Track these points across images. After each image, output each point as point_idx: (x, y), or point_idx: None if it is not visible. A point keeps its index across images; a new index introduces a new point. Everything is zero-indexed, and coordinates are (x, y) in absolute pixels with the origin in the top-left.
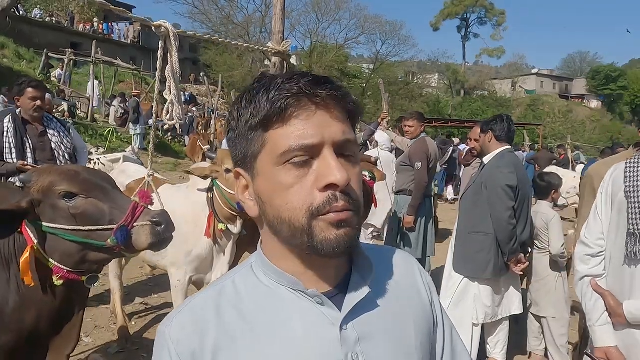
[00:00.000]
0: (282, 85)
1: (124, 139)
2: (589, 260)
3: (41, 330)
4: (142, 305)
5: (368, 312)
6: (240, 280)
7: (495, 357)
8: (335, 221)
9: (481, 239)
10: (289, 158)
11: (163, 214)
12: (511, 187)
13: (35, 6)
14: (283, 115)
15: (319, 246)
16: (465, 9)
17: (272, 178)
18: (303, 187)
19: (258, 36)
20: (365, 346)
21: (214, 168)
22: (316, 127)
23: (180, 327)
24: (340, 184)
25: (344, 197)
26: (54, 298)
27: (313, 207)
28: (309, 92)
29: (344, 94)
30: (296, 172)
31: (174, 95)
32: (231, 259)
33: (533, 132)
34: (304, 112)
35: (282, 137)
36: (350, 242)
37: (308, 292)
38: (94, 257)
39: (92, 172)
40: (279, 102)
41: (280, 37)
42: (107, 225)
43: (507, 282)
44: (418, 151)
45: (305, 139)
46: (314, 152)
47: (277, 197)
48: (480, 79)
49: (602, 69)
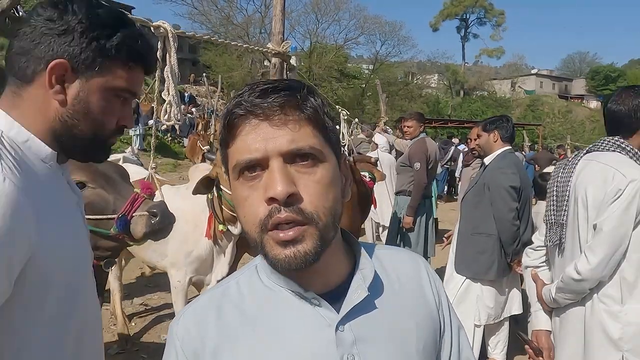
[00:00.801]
0: (236, 101)
1: (123, 140)
2: (531, 253)
3: None
4: (142, 306)
5: (367, 314)
6: (244, 281)
7: (496, 357)
8: (280, 240)
9: (484, 240)
10: (239, 172)
11: (160, 205)
12: (514, 188)
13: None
14: (232, 132)
15: (272, 263)
16: (465, 10)
17: (234, 191)
18: (254, 200)
19: (257, 37)
20: (362, 348)
21: (215, 169)
22: (260, 140)
23: (184, 326)
24: (278, 197)
25: (290, 209)
26: None
27: (261, 220)
28: (251, 108)
29: (293, 100)
30: (248, 184)
31: (172, 96)
32: (231, 259)
33: (533, 133)
34: (247, 126)
35: (233, 152)
36: (306, 259)
37: (305, 294)
38: (104, 244)
39: (105, 164)
40: (228, 119)
41: (280, 38)
42: (111, 214)
43: (508, 282)
44: (417, 151)
45: (250, 153)
46: (264, 164)
47: (238, 210)
48: (480, 80)
49: (601, 69)
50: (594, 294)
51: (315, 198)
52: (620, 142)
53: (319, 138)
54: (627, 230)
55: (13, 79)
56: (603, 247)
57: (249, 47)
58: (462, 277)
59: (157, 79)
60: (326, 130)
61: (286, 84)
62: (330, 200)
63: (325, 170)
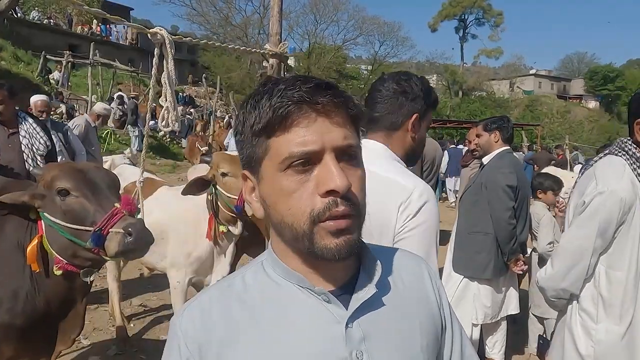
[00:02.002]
0: (284, 92)
1: (122, 141)
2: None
3: (52, 313)
4: (141, 307)
5: (374, 311)
6: (251, 277)
7: (494, 357)
8: (334, 229)
9: (481, 239)
10: (290, 164)
11: (136, 224)
12: (511, 188)
13: (33, 8)
14: (284, 122)
15: (319, 252)
16: (463, 10)
17: (275, 184)
18: (304, 192)
19: (256, 37)
20: (369, 345)
21: (212, 172)
22: (317, 133)
23: (190, 319)
24: (340, 190)
25: (344, 202)
26: (58, 284)
27: (314, 212)
28: (310, 99)
29: (345, 99)
30: (298, 178)
31: (170, 102)
32: (232, 260)
33: (531, 133)
34: (304, 119)
35: (284, 143)
36: (351, 248)
37: (315, 289)
38: (82, 254)
39: (95, 172)
40: (281, 109)
41: (277, 39)
42: (89, 226)
43: (505, 282)
44: None
45: (306, 146)
46: (315, 158)
47: (280, 202)
48: (479, 80)
49: (599, 69)
50: (575, 305)
51: (360, 193)
52: (627, 143)
53: (358, 139)
54: (586, 244)
55: (382, 128)
56: (559, 259)
57: (246, 49)
58: (459, 277)
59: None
60: (359, 133)
61: (329, 82)
62: (365, 197)
63: (363, 169)
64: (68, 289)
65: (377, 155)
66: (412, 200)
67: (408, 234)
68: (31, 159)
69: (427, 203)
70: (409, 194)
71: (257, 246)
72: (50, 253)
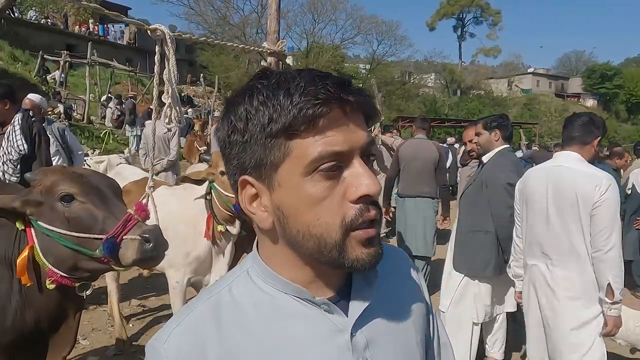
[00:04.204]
0: (306, 88)
1: (120, 141)
2: None
3: (42, 328)
4: (140, 307)
5: (373, 315)
6: (238, 289)
7: (494, 355)
8: (365, 239)
9: (481, 237)
10: (318, 166)
11: (154, 231)
12: (512, 186)
13: (30, 8)
14: (312, 122)
15: (349, 263)
16: (461, 9)
17: (300, 190)
18: (334, 199)
19: (254, 37)
20: (373, 351)
21: (210, 171)
22: (345, 133)
23: (178, 345)
24: (374, 194)
25: (374, 207)
26: (50, 299)
27: (346, 221)
28: (339, 98)
29: (368, 98)
30: (326, 183)
31: (172, 99)
32: (230, 260)
33: (529, 131)
34: (333, 118)
35: (311, 145)
36: (380, 257)
37: (315, 300)
38: (85, 265)
39: (98, 177)
40: (307, 109)
41: (275, 37)
42: (98, 234)
43: (504, 280)
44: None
45: (335, 146)
46: (344, 161)
47: (306, 212)
48: (477, 79)
49: (597, 68)
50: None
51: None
52: None
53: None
54: None
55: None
56: None
57: (245, 47)
58: (460, 275)
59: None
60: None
61: (349, 79)
62: None
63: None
64: (61, 303)
65: (575, 159)
66: (603, 184)
67: (602, 204)
68: (7, 158)
69: (611, 185)
70: (600, 179)
71: None
72: (43, 265)
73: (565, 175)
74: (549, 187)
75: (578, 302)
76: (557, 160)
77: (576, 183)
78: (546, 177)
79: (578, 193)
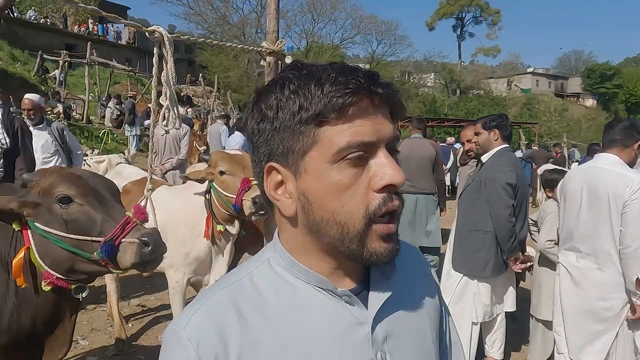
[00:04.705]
0: (337, 78)
1: (119, 141)
2: None
3: (38, 330)
4: (139, 307)
5: (391, 308)
6: (259, 278)
7: (493, 355)
8: (385, 234)
9: (480, 237)
10: (345, 155)
11: (153, 234)
12: (511, 185)
13: (29, 8)
14: (342, 110)
15: (366, 256)
16: (461, 9)
17: (326, 177)
18: (359, 188)
19: (254, 37)
20: (392, 344)
21: (209, 170)
22: (373, 124)
23: (200, 329)
24: (398, 183)
25: (398, 198)
26: (46, 301)
27: (369, 210)
28: (369, 89)
29: (396, 93)
30: (352, 172)
31: (170, 101)
32: (229, 259)
33: (529, 131)
34: (362, 109)
35: (339, 133)
36: (396, 254)
37: (337, 291)
38: (82, 267)
39: (96, 178)
40: (338, 98)
41: (274, 37)
42: (96, 236)
43: (503, 280)
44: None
45: (364, 136)
46: (370, 151)
47: (331, 199)
48: (476, 78)
49: (597, 68)
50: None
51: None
52: None
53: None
54: None
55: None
56: None
57: (244, 47)
58: (459, 275)
59: (155, 78)
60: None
61: (376, 73)
62: None
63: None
64: (57, 305)
65: (614, 161)
66: (634, 184)
67: (632, 203)
68: None
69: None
70: (632, 180)
71: (258, 246)
72: (39, 267)
73: (600, 175)
74: (584, 186)
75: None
76: (596, 162)
77: (608, 183)
78: (583, 176)
79: (610, 192)
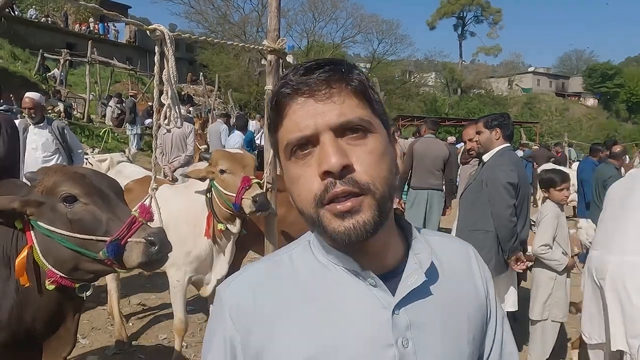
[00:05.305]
0: (281, 83)
1: (120, 140)
2: None
3: (37, 331)
4: (140, 306)
5: (421, 299)
6: (298, 256)
7: None
8: (338, 212)
9: (481, 237)
10: (292, 151)
11: (159, 233)
12: (512, 185)
13: (30, 6)
14: (280, 113)
15: (332, 236)
16: (462, 8)
17: (287, 172)
18: (307, 177)
19: (255, 35)
20: (415, 333)
21: (210, 169)
22: (309, 117)
23: (237, 293)
24: (332, 169)
25: (345, 182)
26: (50, 300)
27: (316, 195)
28: (297, 86)
29: (341, 75)
30: (301, 163)
31: (171, 100)
32: (231, 258)
33: (530, 131)
34: (294, 105)
35: (283, 134)
36: (364, 230)
37: (362, 273)
38: (87, 266)
39: (100, 177)
40: (275, 102)
41: (275, 35)
42: (101, 236)
43: (504, 279)
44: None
45: (301, 131)
46: (314, 142)
47: (292, 190)
48: (477, 78)
49: (598, 67)
50: None
51: (370, 168)
52: None
53: (367, 110)
54: None
55: None
56: None
57: (245, 46)
58: None
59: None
60: (373, 102)
61: (329, 60)
62: (385, 170)
63: (376, 141)
64: (60, 304)
65: None
66: None
67: None
68: None
69: None
70: None
71: (261, 244)
72: (43, 265)
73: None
74: (627, 189)
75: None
76: None
77: None
78: (627, 180)
79: None
